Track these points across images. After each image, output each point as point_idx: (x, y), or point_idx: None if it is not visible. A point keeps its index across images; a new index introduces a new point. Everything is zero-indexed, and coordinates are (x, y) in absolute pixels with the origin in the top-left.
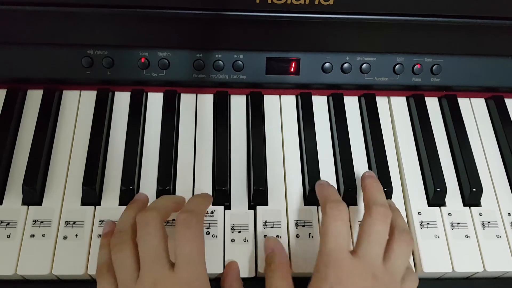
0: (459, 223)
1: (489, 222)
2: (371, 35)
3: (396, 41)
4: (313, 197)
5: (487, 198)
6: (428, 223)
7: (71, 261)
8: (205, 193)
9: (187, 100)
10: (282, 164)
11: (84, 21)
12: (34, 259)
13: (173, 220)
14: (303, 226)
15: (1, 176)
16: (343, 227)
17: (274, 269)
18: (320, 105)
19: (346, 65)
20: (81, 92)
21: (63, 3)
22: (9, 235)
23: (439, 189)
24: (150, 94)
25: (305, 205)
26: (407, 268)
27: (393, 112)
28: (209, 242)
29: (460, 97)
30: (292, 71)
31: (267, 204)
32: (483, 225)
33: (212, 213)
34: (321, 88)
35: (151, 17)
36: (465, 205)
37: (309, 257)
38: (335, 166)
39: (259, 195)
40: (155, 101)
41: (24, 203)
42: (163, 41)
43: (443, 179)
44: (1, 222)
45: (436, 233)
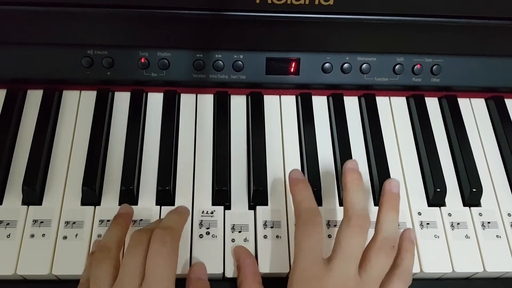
0: (459, 223)
1: (489, 222)
2: (371, 35)
3: (396, 41)
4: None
5: (487, 198)
6: (428, 223)
7: (71, 261)
8: (182, 206)
9: (187, 100)
10: (282, 164)
11: (84, 21)
12: (34, 259)
13: (141, 220)
14: None
15: (1, 176)
16: (316, 244)
17: (240, 282)
18: (320, 105)
19: (346, 65)
20: (81, 92)
21: (63, 3)
22: (9, 235)
23: (439, 189)
24: (150, 94)
25: None
26: (397, 266)
27: (393, 112)
28: (209, 242)
29: (460, 97)
30: (292, 71)
31: (267, 204)
32: (483, 225)
33: (212, 213)
34: (321, 88)
35: (151, 17)
36: (465, 205)
37: None
38: (335, 166)
39: (259, 195)
40: (155, 101)
41: (24, 203)
42: (163, 41)
43: (443, 179)
44: (1, 222)
45: (436, 233)
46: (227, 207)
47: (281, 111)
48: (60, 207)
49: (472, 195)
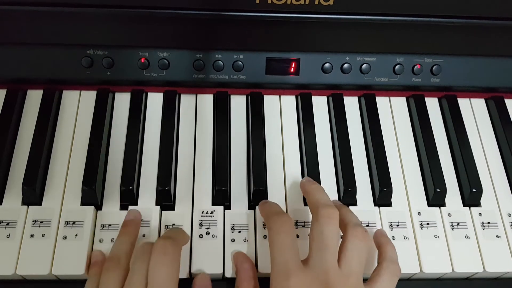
0: (459, 224)
1: (489, 222)
2: (371, 36)
3: (396, 41)
4: None
5: (487, 198)
6: (428, 224)
7: (71, 261)
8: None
9: (187, 100)
10: (282, 164)
11: (84, 21)
12: (33, 259)
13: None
14: (303, 226)
15: (1, 176)
16: (287, 238)
17: (237, 287)
18: (320, 105)
19: (346, 66)
20: (81, 92)
21: (63, 3)
22: (9, 235)
23: (439, 190)
24: (150, 94)
25: (305, 205)
26: (383, 260)
27: (393, 112)
28: (209, 242)
29: (460, 98)
30: (292, 71)
31: None
32: (483, 225)
33: (212, 213)
34: (321, 88)
35: (151, 17)
36: (465, 205)
37: None
38: (335, 166)
39: (259, 195)
40: (155, 101)
41: (24, 203)
42: (163, 41)
43: (443, 180)
44: (1, 222)
45: (436, 234)
46: (227, 207)
47: (281, 111)
48: (60, 207)
49: (472, 195)
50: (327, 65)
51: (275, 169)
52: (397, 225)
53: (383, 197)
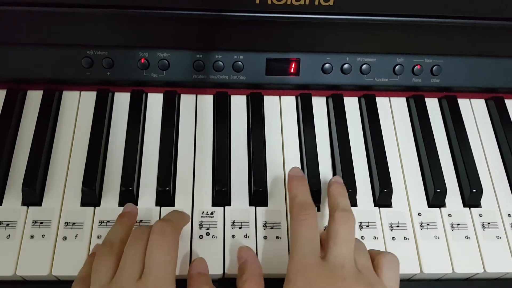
0: (459, 224)
1: (489, 223)
2: (371, 36)
3: (396, 41)
4: (313, 197)
5: (487, 199)
6: (428, 224)
7: (71, 262)
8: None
9: (187, 100)
10: (282, 164)
11: (84, 21)
12: (33, 259)
13: (140, 220)
14: None
15: (1, 176)
16: (310, 232)
17: (245, 280)
18: (320, 105)
19: (346, 66)
20: (81, 92)
21: (63, 3)
22: (9, 236)
23: (439, 190)
24: (150, 94)
25: None
26: (382, 257)
27: (393, 112)
28: (209, 243)
29: (460, 98)
30: (292, 71)
31: (267, 204)
32: (483, 226)
33: (212, 214)
34: (321, 88)
35: (151, 18)
36: (465, 206)
37: None
38: (335, 167)
39: (259, 195)
40: (155, 102)
41: (23, 203)
42: (163, 42)
43: (443, 180)
44: (1, 222)
45: (436, 234)
46: (227, 203)
47: (281, 111)
48: (60, 208)
49: (472, 196)
50: (327, 65)
51: (275, 170)
52: (397, 226)
53: (383, 198)
